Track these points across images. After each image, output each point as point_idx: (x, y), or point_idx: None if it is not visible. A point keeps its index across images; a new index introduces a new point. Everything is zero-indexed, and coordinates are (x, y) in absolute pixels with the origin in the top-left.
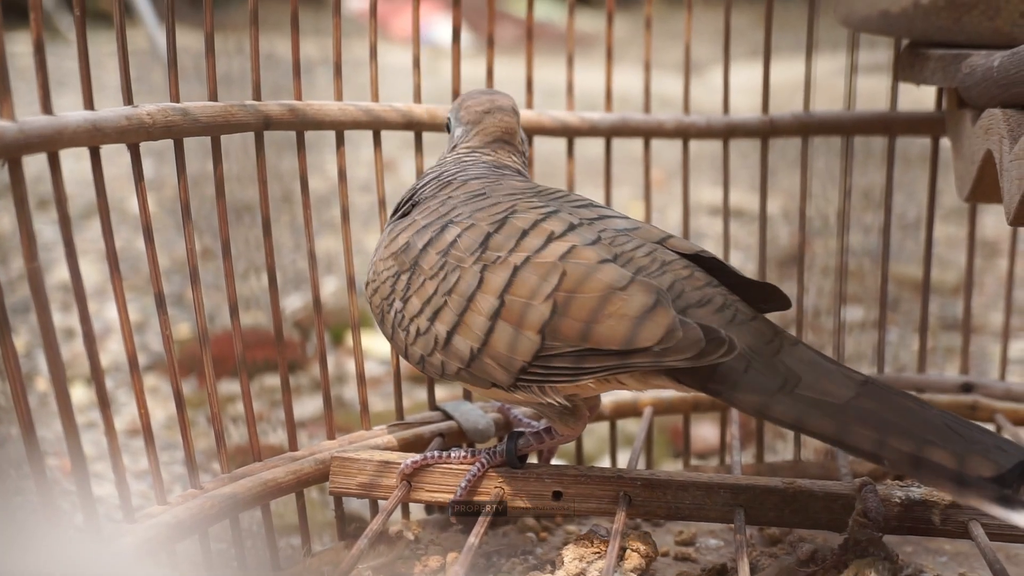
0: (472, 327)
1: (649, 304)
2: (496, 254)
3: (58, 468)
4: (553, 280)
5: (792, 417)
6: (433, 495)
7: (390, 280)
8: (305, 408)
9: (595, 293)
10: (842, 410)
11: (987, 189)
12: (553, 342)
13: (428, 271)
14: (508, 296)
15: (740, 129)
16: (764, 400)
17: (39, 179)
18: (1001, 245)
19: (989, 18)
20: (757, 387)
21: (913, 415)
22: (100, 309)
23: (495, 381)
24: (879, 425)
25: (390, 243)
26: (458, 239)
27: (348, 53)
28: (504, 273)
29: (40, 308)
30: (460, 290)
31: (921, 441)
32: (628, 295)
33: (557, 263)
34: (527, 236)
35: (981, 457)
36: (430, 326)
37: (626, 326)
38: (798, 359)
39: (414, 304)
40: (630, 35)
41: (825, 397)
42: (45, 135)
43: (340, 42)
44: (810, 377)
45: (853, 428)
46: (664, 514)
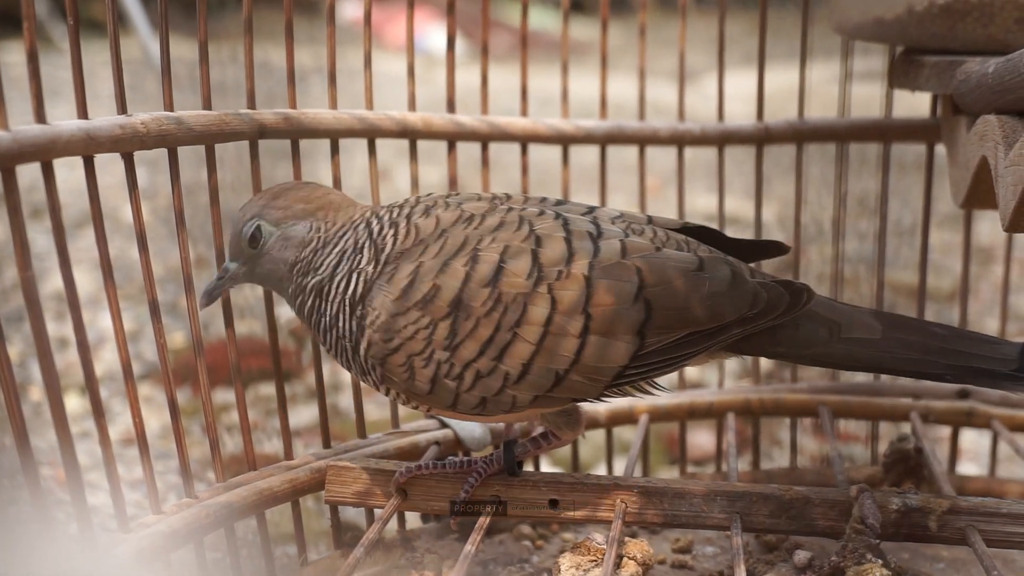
0: (557, 351)
1: (728, 276)
2: (555, 268)
3: (52, 478)
4: (633, 279)
5: (852, 360)
6: (429, 503)
7: (422, 332)
8: (300, 417)
9: (680, 280)
10: (884, 344)
11: (982, 195)
12: (652, 339)
13: (480, 309)
14: (593, 308)
15: (735, 136)
16: (824, 350)
17: (33, 188)
18: (996, 251)
19: (983, 25)
20: (814, 340)
21: (931, 333)
22: (94, 318)
23: (582, 396)
24: (918, 349)
25: (402, 294)
26: (504, 265)
27: (343, 62)
28: (578, 287)
29: (34, 317)
30: (532, 318)
31: (952, 354)
32: (708, 273)
33: (624, 262)
34: (572, 243)
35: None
36: (496, 365)
37: (722, 302)
38: (825, 307)
39: (469, 348)
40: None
41: (867, 335)
42: (39, 144)
43: (334, 50)
44: (845, 321)
45: (904, 357)
46: (661, 521)
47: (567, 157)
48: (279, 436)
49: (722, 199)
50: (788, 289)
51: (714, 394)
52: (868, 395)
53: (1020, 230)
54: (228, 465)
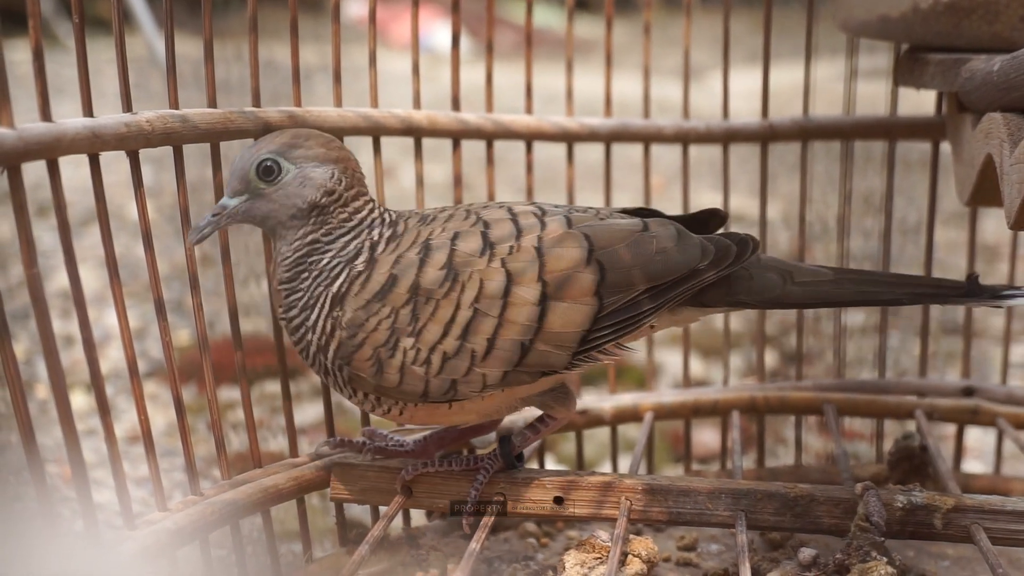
0: (518, 321)
1: (674, 234)
2: (506, 244)
3: (58, 475)
4: (583, 244)
5: (811, 297)
6: (433, 501)
7: (385, 323)
8: (305, 414)
9: (627, 240)
10: (838, 283)
11: (987, 193)
12: (610, 298)
13: (438, 291)
14: (548, 275)
15: (740, 134)
16: (780, 294)
17: (38, 186)
18: (1002, 249)
19: (988, 22)
20: (769, 286)
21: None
22: (100, 316)
23: (550, 367)
24: (869, 284)
25: (360, 290)
26: (455, 248)
27: (347, 60)
28: (530, 257)
29: (40, 315)
30: (489, 292)
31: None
32: (654, 233)
33: (570, 231)
34: (519, 222)
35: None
36: (462, 344)
37: (673, 257)
38: (774, 262)
39: (432, 331)
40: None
41: (819, 277)
42: (44, 142)
43: (339, 48)
44: (796, 269)
45: (856, 290)
46: (665, 519)
47: (572, 155)
48: (284, 434)
49: (727, 197)
50: (733, 240)
51: (719, 392)
52: (873, 393)
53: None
54: (233, 463)
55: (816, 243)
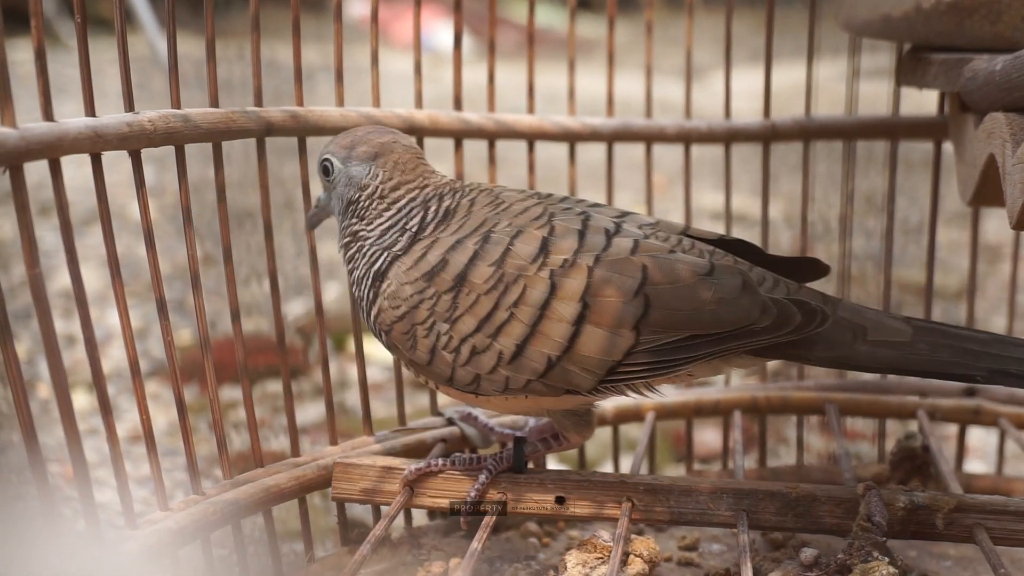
0: (551, 336)
1: (739, 285)
2: (562, 257)
3: (60, 474)
4: (636, 275)
5: (877, 361)
6: (436, 501)
7: (426, 303)
8: (307, 414)
9: (685, 281)
10: (912, 347)
11: (990, 193)
12: (648, 336)
13: (482, 285)
14: (591, 298)
15: (742, 134)
16: (846, 353)
17: (40, 186)
18: (1004, 249)
19: (991, 22)
20: (836, 343)
21: (963, 337)
22: (101, 315)
23: (574, 387)
24: (951, 351)
25: (414, 265)
26: (511, 248)
27: (349, 59)
28: (580, 276)
29: (42, 314)
30: (530, 300)
31: (988, 357)
32: (717, 279)
33: (631, 258)
34: (586, 237)
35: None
36: (491, 342)
37: (727, 309)
38: (852, 312)
39: (467, 323)
40: (631, 40)
41: (895, 338)
42: (46, 142)
43: (341, 47)
44: (871, 325)
45: (928, 358)
46: (667, 519)
47: (574, 154)
48: (286, 433)
49: (729, 196)
50: (802, 308)
51: (721, 392)
52: (875, 393)
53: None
54: (235, 462)
55: (818, 243)
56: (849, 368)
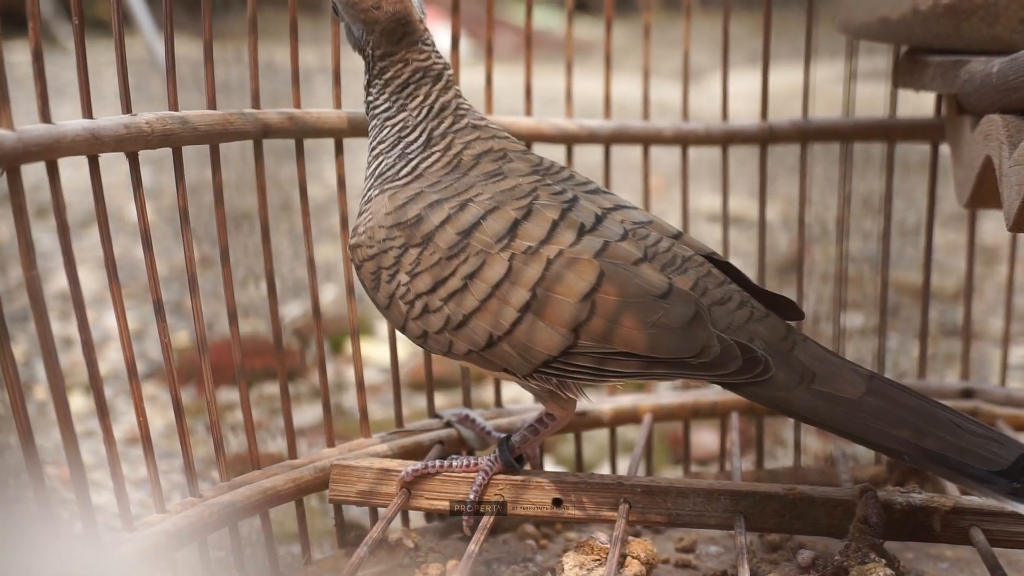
0: (495, 315)
1: (688, 316)
2: (527, 243)
3: (57, 477)
4: (591, 278)
5: (810, 411)
6: (433, 503)
7: (394, 251)
8: (304, 416)
9: (634, 298)
10: (856, 405)
11: (987, 195)
12: (586, 341)
13: (446, 250)
14: (541, 290)
15: (739, 136)
16: (784, 395)
17: (38, 188)
18: (1001, 251)
19: (988, 24)
20: (776, 383)
21: (920, 411)
22: (99, 317)
23: (510, 368)
24: (891, 421)
25: (394, 210)
26: (482, 222)
27: (347, 61)
28: (537, 266)
29: (39, 317)
30: (485, 276)
31: (931, 437)
32: (669, 304)
33: (593, 261)
34: (558, 228)
35: (984, 452)
36: (443, 305)
37: (668, 337)
38: (810, 355)
39: (424, 280)
40: (629, 43)
41: (839, 392)
42: (43, 144)
43: (339, 50)
44: (823, 373)
45: (866, 423)
46: (664, 521)
47: (571, 156)
48: (283, 435)
49: (726, 198)
50: (745, 355)
51: (718, 393)
52: None
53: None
54: (232, 464)
55: (815, 245)
56: (781, 412)
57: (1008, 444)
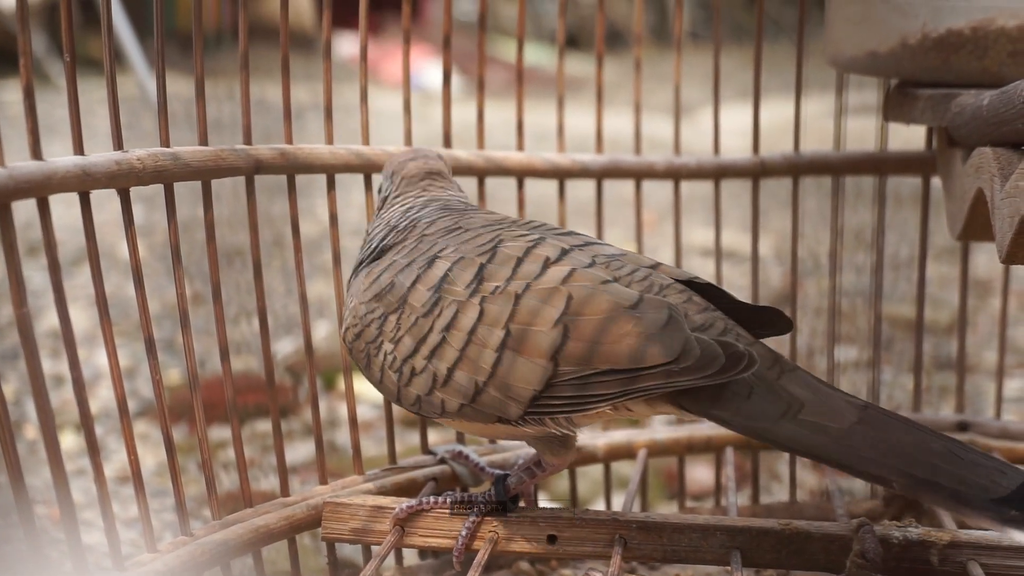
0: (476, 361)
1: (662, 320)
2: (494, 284)
3: (47, 516)
4: (560, 304)
5: (796, 442)
6: (427, 540)
7: (376, 322)
8: (297, 453)
9: (605, 313)
10: (846, 435)
11: (979, 227)
12: (566, 367)
13: (420, 308)
14: (514, 325)
15: (731, 170)
16: (768, 426)
17: (29, 225)
18: (994, 284)
19: (977, 58)
20: (761, 413)
21: (914, 439)
22: (90, 355)
23: (503, 414)
24: (882, 450)
25: (370, 285)
26: (449, 273)
27: (339, 99)
28: (506, 303)
29: (29, 354)
30: (460, 325)
31: (924, 465)
32: (640, 313)
33: (560, 287)
34: (522, 264)
35: (983, 480)
36: (427, 364)
37: (642, 343)
38: (799, 384)
39: (407, 344)
40: (620, 78)
41: (829, 422)
42: (35, 180)
43: (331, 86)
44: (812, 403)
45: (857, 453)
46: (660, 557)
47: (563, 191)
48: (275, 473)
49: (718, 233)
50: (726, 351)
51: (713, 428)
52: None
53: (1017, 262)
54: (224, 502)
55: (808, 279)
56: (765, 442)
57: (1009, 472)
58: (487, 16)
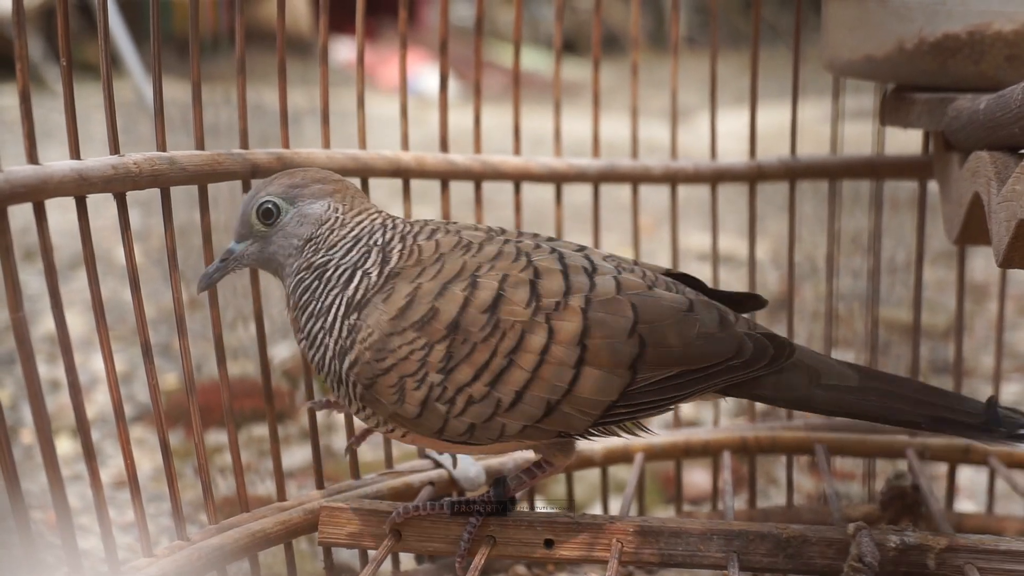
0: (551, 380)
1: (717, 320)
2: (553, 300)
3: (43, 521)
4: (628, 314)
5: (833, 404)
6: (423, 544)
7: (417, 354)
8: (293, 457)
9: (672, 319)
10: (863, 392)
11: (975, 231)
12: (643, 375)
13: (478, 334)
14: (589, 340)
15: (728, 174)
16: (804, 395)
17: (25, 230)
18: (991, 288)
19: (974, 62)
20: (795, 385)
21: (906, 387)
22: (86, 360)
23: (568, 429)
24: (891, 398)
25: (398, 314)
26: (503, 295)
27: (336, 104)
28: (575, 319)
29: (25, 359)
30: (530, 346)
31: (924, 404)
32: (699, 315)
33: (619, 297)
34: (569, 276)
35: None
36: (489, 391)
37: (712, 344)
38: (807, 356)
39: (464, 372)
40: (617, 83)
41: (845, 383)
42: (31, 185)
43: (327, 91)
44: (824, 369)
45: (878, 404)
46: (657, 561)
47: (560, 196)
48: (272, 477)
49: (715, 237)
50: (772, 342)
51: (710, 432)
52: (864, 432)
53: (1014, 266)
54: (221, 507)
55: (805, 283)
56: (807, 410)
57: (970, 401)
58: (484, 21)
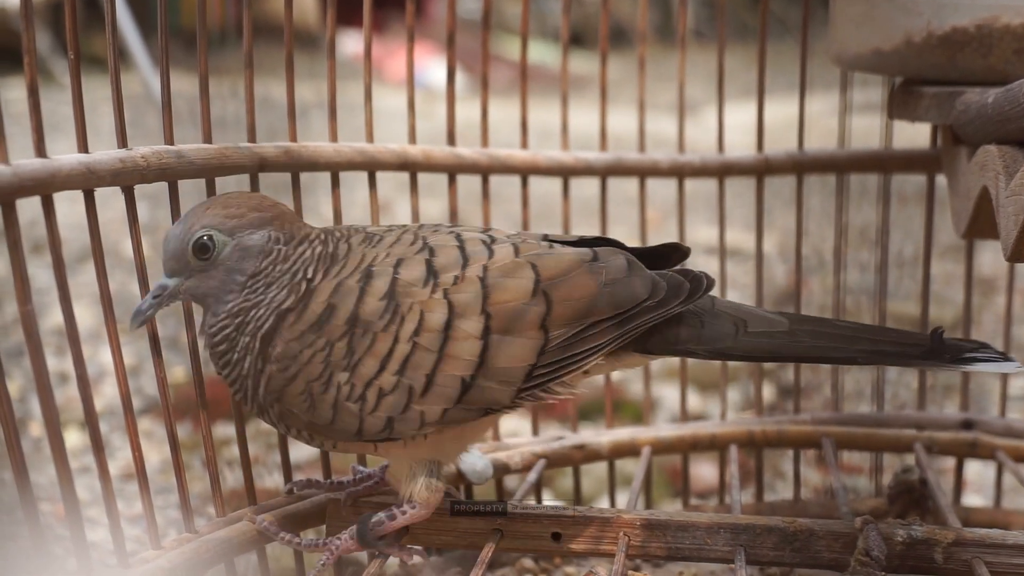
0: (460, 356)
1: (624, 264)
2: (451, 275)
3: (52, 513)
4: (529, 274)
5: (762, 351)
6: (431, 537)
7: (319, 355)
8: (301, 451)
9: (576, 270)
10: (794, 335)
11: (984, 225)
12: (556, 331)
13: (378, 324)
14: (492, 308)
15: (735, 168)
16: (731, 344)
17: (34, 223)
18: (998, 281)
19: (982, 55)
20: (720, 335)
21: (842, 326)
22: (94, 353)
23: (494, 404)
24: (828, 338)
25: (297, 320)
26: (397, 278)
27: (343, 97)
28: (474, 288)
29: (34, 352)
30: (430, 325)
31: (864, 341)
32: (603, 263)
33: (517, 260)
34: (465, 249)
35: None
36: (398, 380)
37: (621, 290)
38: (729, 308)
39: (368, 366)
40: (624, 76)
41: (774, 329)
42: (39, 178)
43: (335, 84)
44: (750, 318)
45: (815, 344)
46: (664, 554)
47: (567, 189)
48: (280, 470)
49: (723, 231)
50: (686, 276)
51: (717, 426)
52: (871, 426)
53: (1022, 259)
54: (228, 500)
55: (812, 276)
56: (736, 359)
57: (916, 335)
58: (491, 14)
